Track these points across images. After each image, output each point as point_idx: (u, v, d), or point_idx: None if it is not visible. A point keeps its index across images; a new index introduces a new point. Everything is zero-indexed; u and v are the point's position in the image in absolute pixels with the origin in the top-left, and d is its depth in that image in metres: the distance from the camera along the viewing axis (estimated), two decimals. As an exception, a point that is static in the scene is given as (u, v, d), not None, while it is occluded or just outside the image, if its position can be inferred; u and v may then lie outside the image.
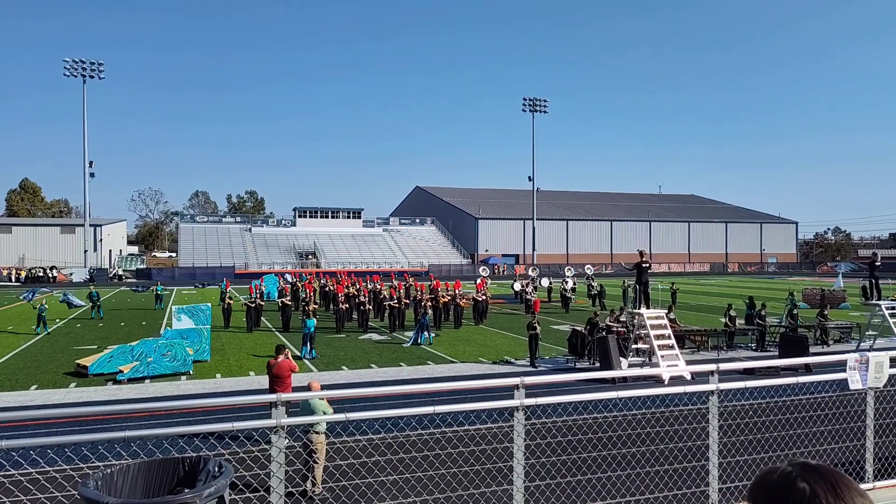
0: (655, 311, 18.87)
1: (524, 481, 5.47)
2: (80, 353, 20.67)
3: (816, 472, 1.32)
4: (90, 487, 3.67)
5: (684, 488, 7.85)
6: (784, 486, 1.32)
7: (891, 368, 6.53)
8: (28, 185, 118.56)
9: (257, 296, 28.54)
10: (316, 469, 9.08)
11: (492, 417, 11.41)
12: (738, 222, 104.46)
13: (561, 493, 7.91)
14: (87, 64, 67.09)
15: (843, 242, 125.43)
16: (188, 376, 17.83)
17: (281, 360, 11.89)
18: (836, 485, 1.29)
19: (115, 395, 15.77)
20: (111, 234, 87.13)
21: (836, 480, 1.30)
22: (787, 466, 1.36)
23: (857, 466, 7.02)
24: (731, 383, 6.39)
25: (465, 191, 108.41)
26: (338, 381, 17.09)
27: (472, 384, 9.32)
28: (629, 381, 15.65)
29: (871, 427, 6.84)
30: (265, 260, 77.11)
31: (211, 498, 3.66)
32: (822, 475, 1.31)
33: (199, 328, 20.64)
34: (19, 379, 17.38)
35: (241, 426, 4.86)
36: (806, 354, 17.65)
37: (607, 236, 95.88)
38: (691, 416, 10.39)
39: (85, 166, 69.17)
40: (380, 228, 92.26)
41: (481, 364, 19.86)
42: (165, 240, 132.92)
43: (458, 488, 8.42)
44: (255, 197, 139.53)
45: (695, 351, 21.70)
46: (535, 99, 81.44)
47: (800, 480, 1.31)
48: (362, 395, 14.16)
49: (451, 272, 72.90)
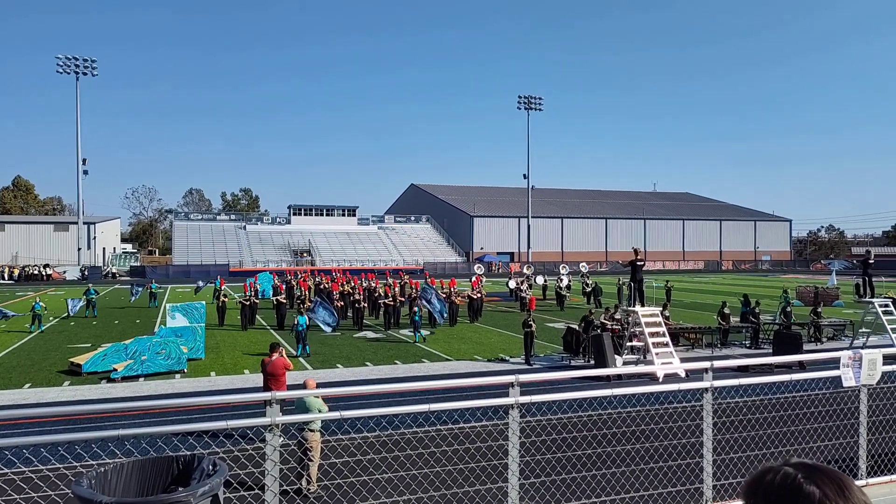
0: (650, 309, 18.92)
1: (519, 479, 5.48)
2: (73, 352, 20.59)
3: (821, 473, 1.28)
4: (84, 486, 3.66)
5: (679, 485, 7.87)
6: (790, 489, 1.27)
7: (884, 365, 6.57)
8: (21, 182, 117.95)
9: (252, 294, 28.49)
10: (311, 467, 9.08)
11: (487, 415, 11.42)
12: (733, 220, 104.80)
13: (556, 490, 7.93)
14: (80, 61, 66.76)
15: (836, 240, 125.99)
16: (182, 374, 17.79)
17: (275, 358, 11.87)
18: (843, 486, 1.26)
19: (109, 393, 15.73)
20: (105, 232, 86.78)
21: (842, 482, 1.27)
22: (787, 467, 1.31)
23: (851, 463, 7.06)
24: (725, 381, 6.41)
25: (461, 188, 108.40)
26: (333, 379, 17.07)
27: (468, 382, 9.35)
28: (624, 378, 15.69)
29: (864, 424, 6.88)
30: (260, 258, 76.95)
31: (205, 496, 3.65)
32: (828, 476, 1.27)
33: (193, 326, 20.59)
34: (13, 377, 17.31)
35: (236, 424, 4.85)
36: (800, 352, 17.75)
37: (602, 234, 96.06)
38: (686, 413, 10.44)
39: (78, 164, 68.92)
40: (375, 226, 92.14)
41: (476, 362, 19.88)
42: (159, 238, 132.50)
43: (452, 486, 8.43)
44: (249, 194, 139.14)
45: (689, 348, 21.76)
46: (529, 97, 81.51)
47: (807, 483, 1.26)
48: (357, 392, 14.12)
49: (446, 270, 72.91)
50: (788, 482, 1.28)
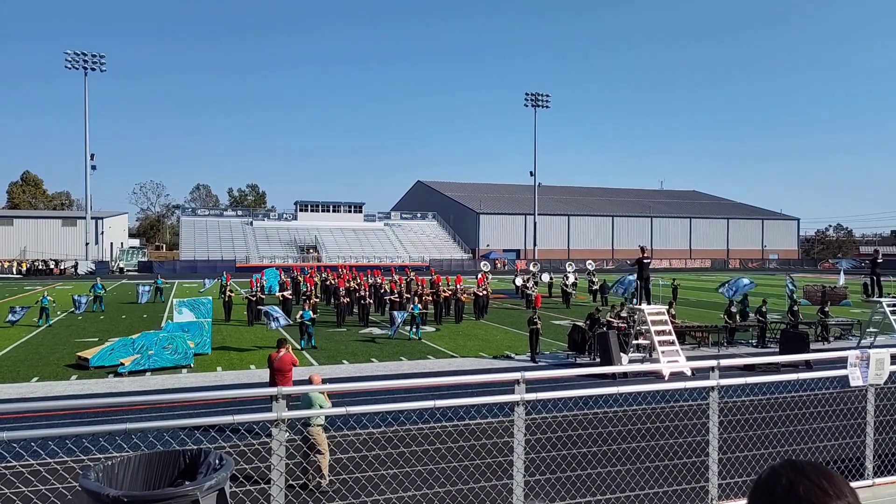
0: (656, 307, 18.86)
1: (524, 476, 5.48)
2: (81, 346, 20.70)
3: (802, 468, 1.30)
4: (91, 479, 3.68)
5: (684, 483, 7.86)
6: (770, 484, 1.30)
7: (892, 365, 6.53)
8: (30, 177, 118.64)
9: (258, 289, 28.57)
10: (322, 461, 9.12)
11: (492, 412, 11.42)
12: (740, 218, 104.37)
13: (561, 487, 7.93)
14: (88, 56, 66.98)
15: (844, 239, 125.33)
16: (189, 369, 17.87)
17: (283, 354, 11.91)
18: (826, 479, 1.27)
19: (116, 387, 15.80)
20: (112, 227, 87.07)
21: (825, 476, 1.28)
22: (778, 467, 1.34)
23: (857, 463, 7.03)
24: (731, 379, 6.39)
25: (467, 185, 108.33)
26: (338, 375, 17.12)
27: (473, 379, 9.35)
28: (630, 376, 15.66)
29: (871, 424, 6.84)
30: (266, 254, 77.13)
31: (212, 490, 3.66)
32: (806, 472, 1.29)
33: (200, 321, 20.67)
34: (21, 371, 17.42)
35: (242, 419, 4.86)
36: (806, 351, 17.67)
37: (608, 232, 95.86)
38: (692, 411, 10.41)
39: (87, 159, 69.22)
40: (381, 223, 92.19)
41: (482, 359, 19.88)
42: (167, 233, 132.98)
43: (457, 482, 8.44)
44: (256, 190, 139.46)
45: (695, 347, 21.71)
46: (536, 94, 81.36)
47: (783, 478, 1.29)
48: (363, 388, 14.15)
49: (451, 267, 72.94)
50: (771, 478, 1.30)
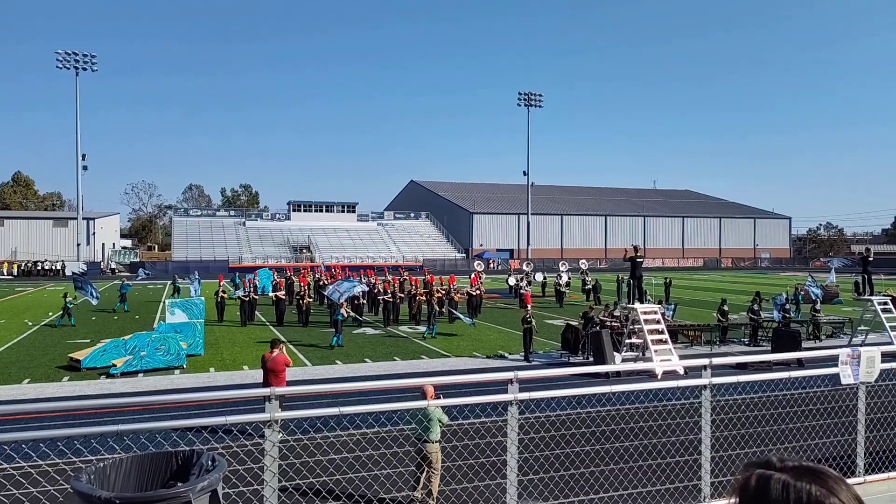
0: (649, 306, 18.92)
1: (518, 475, 5.49)
2: (73, 347, 20.58)
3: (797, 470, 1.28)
4: (83, 481, 3.66)
5: (677, 482, 7.88)
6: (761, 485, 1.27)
7: (882, 363, 6.57)
8: (21, 178, 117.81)
9: (251, 289, 28.50)
10: (433, 478, 8.53)
11: (486, 411, 11.43)
12: (732, 217, 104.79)
13: (554, 486, 7.94)
14: (79, 56, 66.62)
15: (835, 238, 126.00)
16: (182, 370, 17.80)
17: (276, 354, 11.89)
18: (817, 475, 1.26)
19: (108, 389, 15.73)
20: (104, 228, 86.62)
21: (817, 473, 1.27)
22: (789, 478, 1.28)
23: (849, 461, 7.07)
24: (723, 378, 6.42)
25: (460, 185, 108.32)
26: (332, 375, 17.09)
27: (466, 378, 9.36)
28: (623, 375, 15.69)
29: (862, 421, 6.89)
30: (259, 254, 76.93)
31: (204, 492, 3.65)
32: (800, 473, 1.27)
33: (192, 322, 20.57)
34: (11, 372, 17.31)
35: (235, 420, 4.85)
36: (798, 349, 17.75)
37: (602, 231, 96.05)
38: (684, 410, 10.44)
39: (78, 159, 68.82)
40: (374, 223, 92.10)
41: (475, 358, 19.89)
42: (159, 233, 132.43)
43: (451, 482, 8.44)
44: (249, 190, 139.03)
45: (688, 345, 21.79)
46: (529, 93, 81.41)
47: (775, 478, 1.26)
48: (356, 389, 14.12)
49: (445, 266, 72.91)
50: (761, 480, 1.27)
